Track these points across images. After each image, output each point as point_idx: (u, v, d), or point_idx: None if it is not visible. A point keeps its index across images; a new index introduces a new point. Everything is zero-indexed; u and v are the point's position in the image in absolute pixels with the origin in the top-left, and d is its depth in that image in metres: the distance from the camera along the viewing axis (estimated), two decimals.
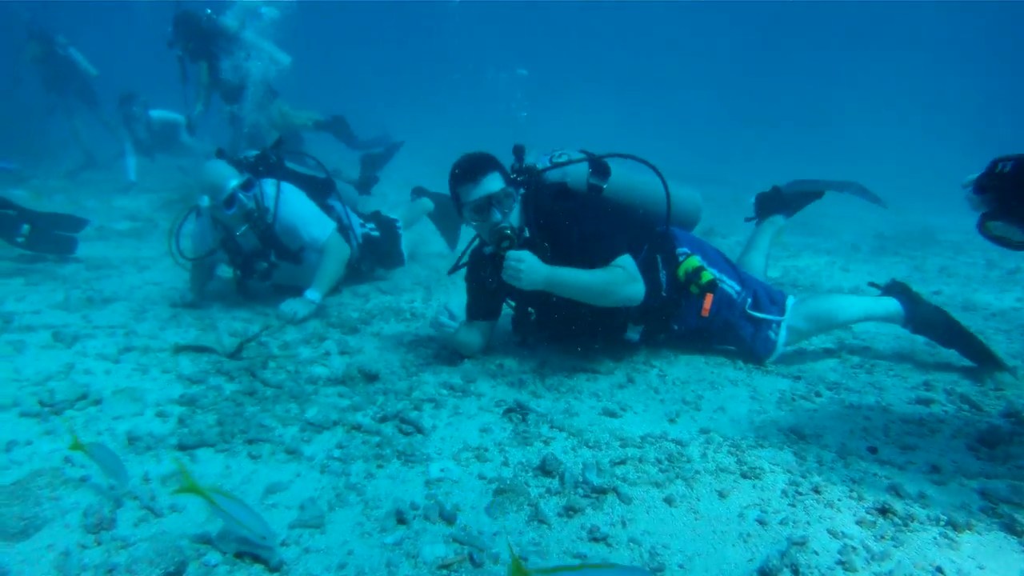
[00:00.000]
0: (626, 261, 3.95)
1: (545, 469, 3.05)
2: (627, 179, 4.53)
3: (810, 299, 4.59)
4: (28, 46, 13.61)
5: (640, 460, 3.16)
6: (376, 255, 6.31)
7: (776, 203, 5.27)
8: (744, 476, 3.04)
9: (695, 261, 4.25)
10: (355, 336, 4.89)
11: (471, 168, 3.99)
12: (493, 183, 3.96)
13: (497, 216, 3.95)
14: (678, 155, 20.87)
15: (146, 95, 12.20)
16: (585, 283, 3.83)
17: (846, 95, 36.89)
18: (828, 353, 4.72)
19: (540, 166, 4.35)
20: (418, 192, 7.62)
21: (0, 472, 2.96)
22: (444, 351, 4.53)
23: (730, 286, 4.48)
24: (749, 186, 5.61)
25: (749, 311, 4.45)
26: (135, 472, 2.98)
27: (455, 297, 6.01)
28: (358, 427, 3.43)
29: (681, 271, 4.24)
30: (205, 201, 4.90)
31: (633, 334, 4.37)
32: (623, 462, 3.14)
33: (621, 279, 3.89)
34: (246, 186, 4.99)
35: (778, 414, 3.73)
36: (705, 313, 4.32)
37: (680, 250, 4.35)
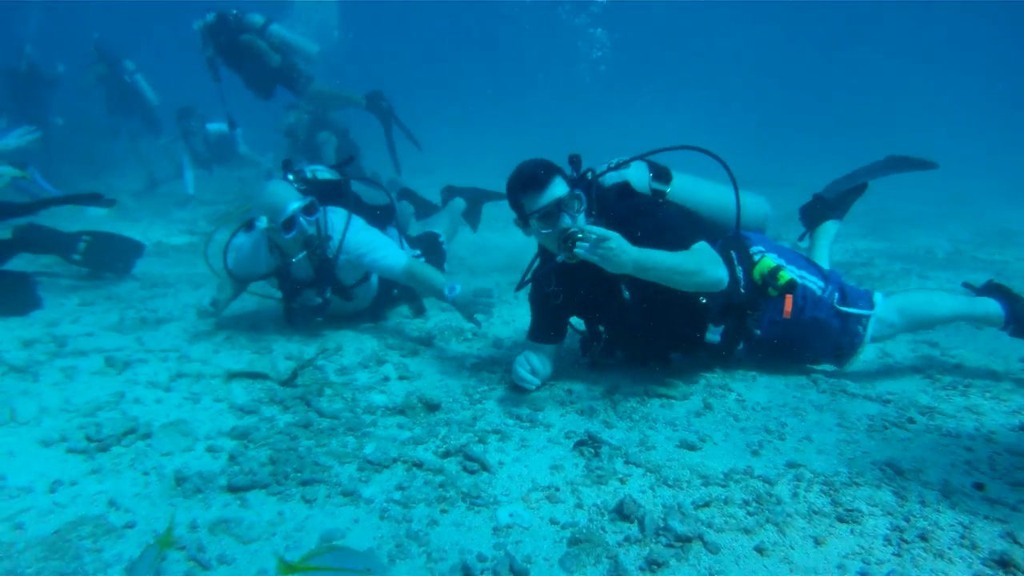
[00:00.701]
0: (706, 246, 3.69)
1: (623, 513, 2.77)
2: (691, 183, 4.25)
3: (901, 294, 4.31)
4: (95, 67, 13.73)
5: (726, 502, 2.87)
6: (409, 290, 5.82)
7: (822, 210, 4.91)
8: (840, 520, 2.73)
9: (770, 261, 3.94)
10: (415, 359, 4.66)
11: (534, 175, 3.73)
12: (558, 188, 3.71)
13: (567, 221, 3.67)
14: (741, 158, 20.39)
15: (202, 109, 12.20)
16: (675, 262, 3.51)
17: (907, 96, 35.69)
18: (916, 371, 4.36)
19: (599, 169, 4.09)
20: (449, 192, 7.30)
21: (42, 518, 2.78)
22: (509, 376, 4.27)
23: (813, 282, 4.17)
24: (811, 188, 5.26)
25: (838, 307, 4.13)
26: (182, 519, 2.77)
27: (517, 311, 5.76)
28: (420, 464, 3.19)
29: (756, 273, 3.95)
30: (263, 222, 4.66)
31: (714, 335, 4.06)
32: (707, 504, 2.85)
33: (709, 258, 3.62)
34: (308, 210, 4.71)
35: (870, 444, 3.39)
36: (786, 315, 4.03)
37: (755, 249, 4.05)
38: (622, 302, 3.86)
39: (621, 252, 3.37)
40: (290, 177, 5.10)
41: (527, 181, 3.75)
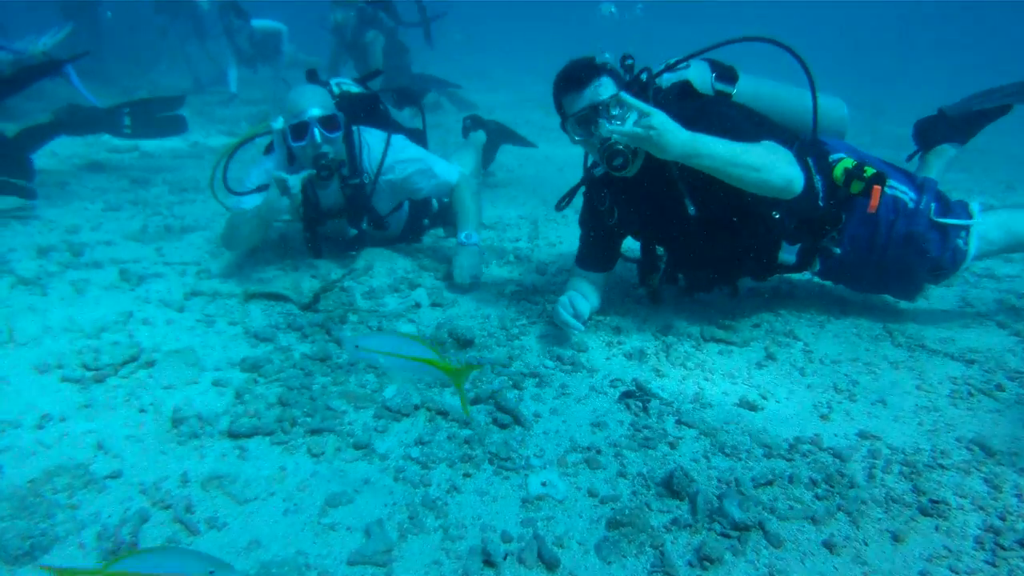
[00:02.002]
0: (777, 144, 3.12)
1: (672, 488, 2.39)
2: (760, 84, 3.67)
3: (1003, 209, 3.74)
4: None
5: (791, 480, 2.48)
6: (443, 216, 5.25)
7: (943, 129, 4.26)
8: (924, 512, 2.33)
9: (852, 160, 3.36)
10: (449, 282, 4.26)
11: (575, 73, 3.22)
12: (603, 89, 3.17)
13: (606, 128, 3.09)
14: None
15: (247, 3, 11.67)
16: (737, 150, 2.96)
17: None
18: (1001, 327, 3.84)
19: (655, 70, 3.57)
20: (473, 123, 6.63)
21: (23, 461, 2.49)
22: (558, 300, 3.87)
23: (904, 192, 3.62)
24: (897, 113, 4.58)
25: (935, 218, 3.59)
26: (173, 470, 2.46)
27: (565, 232, 5.32)
28: (444, 413, 2.83)
29: (838, 170, 3.31)
30: (279, 122, 4.19)
31: (789, 255, 3.56)
32: (770, 483, 2.46)
33: (780, 154, 3.05)
34: (327, 124, 4.08)
35: (953, 414, 2.96)
36: (872, 209, 3.26)
37: (834, 156, 3.49)
38: (686, 218, 3.34)
39: (666, 131, 2.87)
40: (335, 86, 4.63)
41: (567, 79, 3.25)
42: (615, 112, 3.13)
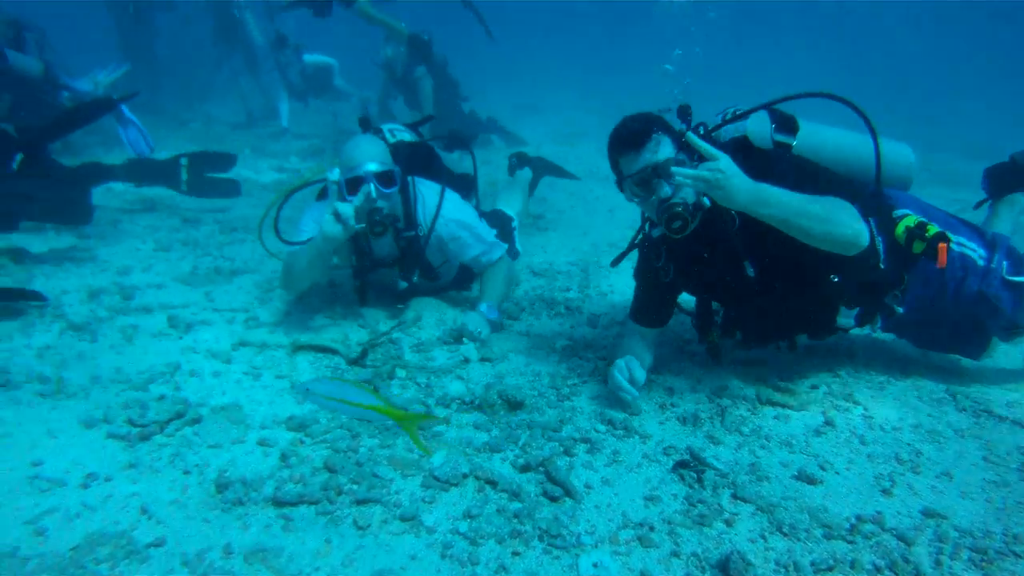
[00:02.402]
0: (843, 201, 3.02)
1: (728, 572, 2.28)
2: (821, 132, 3.54)
3: None
4: None
5: (852, 566, 2.34)
6: None
7: (1015, 176, 4.09)
8: None
9: (914, 218, 3.21)
10: (500, 335, 4.19)
11: (631, 132, 3.13)
12: (660, 149, 3.08)
13: (666, 190, 3.06)
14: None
15: (298, 39, 11.81)
16: (801, 204, 2.87)
17: None
18: None
19: (711, 124, 3.48)
20: (519, 161, 6.54)
21: (67, 524, 2.46)
22: (604, 363, 3.77)
23: (973, 250, 3.46)
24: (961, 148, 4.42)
25: (1008, 277, 3.42)
26: (216, 540, 2.40)
27: (616, 281, 5.22)
28: (494, 482, 2.74)
29: (900, 229, 3.17)
30: (335, 174, 4.14)
31: (847, 319, 3.46)
32: (831, 568, 2.33)
33: (845, 210, 2.95)
34: (384, 179, 4.01)
35: None
36: (941, 264, 3.10)
37: (898, 212, 3.35)
38: (744, 279, 3.24)
39: (734, 175, 2.79)
40: (388, 133, 4.60)
41: (623, 139, 3.16)
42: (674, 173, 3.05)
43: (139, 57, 12.82)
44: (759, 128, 3.45)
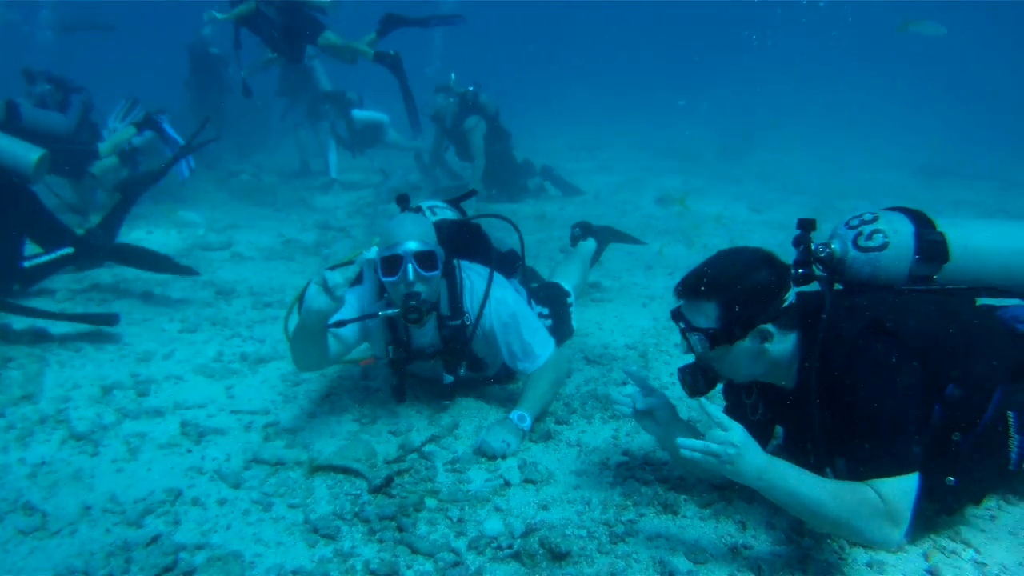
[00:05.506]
0: (899, 487, 2.42)
1: None
2: (975, 236, 2.94)
3: None
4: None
5: None
6: None
7: None
8: None
9: None
10: (546, 446, 3.68)
11: (690, 279, 2.75)
12: (701, 313, 2.71)
13: (698, 348, 2.72)
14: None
15: (354, 92, 11.58)
16: (812, 500, 2.42)
17: None
18: None
19: (838, 251, 2.93)
20: (583, 231, 6.03)
21: None
22: (664, 487, 3.24)
23: None
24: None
25: None
26: None
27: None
28: None
29: None
30: (372, 252, 3.70)
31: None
32: None
33: (871, 513, 2.40)
34: (425, 260, 3.59)
35: None
36: None
37: None
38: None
39: (746, 453, 2.43)
40: (428, 211, 4.18)
41: (679, 286, 2.79)
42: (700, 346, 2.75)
43: (208, 109, 12.87)
44: (899, 250, 2.90)
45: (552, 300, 4.94)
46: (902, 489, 2.41)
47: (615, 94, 30.42)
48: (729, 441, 2.41)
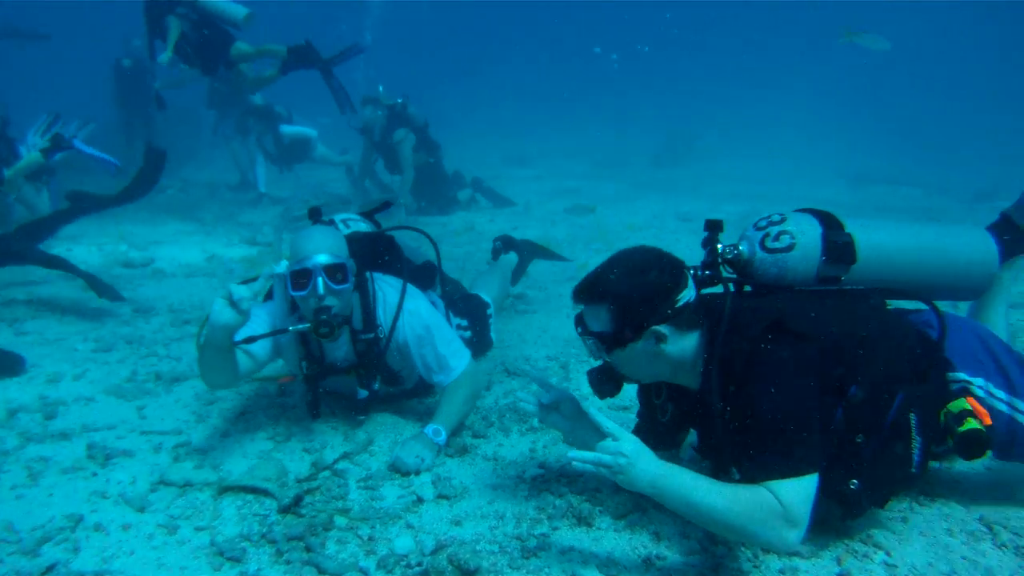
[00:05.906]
0: (797, 489, 2.43)
1: None
2: (878, 236, 3.00)
3: None
4: None
5: None
6: None
7: (1014, 239, 3.57)
8: None
9: (963, 403, 2.73)
10: (462, 460, 3.67)
11: (587, 282, 2.81)
12: (595, 316, 2.78)
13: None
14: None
15: (282, 107, 11.49)
16: (706, 507, 2.43)
17: None
18: None
19: (746, 252, 2.96)
20: (504, 245, 6.09)
21: None
22: (578, 501, 3.25)
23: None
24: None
25: None
26: None
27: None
28: None
29: (942, 415, 2.74)
30: (282, 266, 3.62)
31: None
32: None
33: (766, 516, 2.40)
34: (335, 273, 3.53)
35: None
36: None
37: (955, 377, 2.88)
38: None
39: (638, 462, 2.45)
40: (341, 224, 4.14)
41: (577, 287, 2.85)
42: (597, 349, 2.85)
43: (136, 121, 12.65)
44: (804, 259, 2.92)
45: (471, 312, 4.94)
46: (799, 490, 2.43)
47: (549, 102, 30.65)
48: (620, 451, 2.42)
